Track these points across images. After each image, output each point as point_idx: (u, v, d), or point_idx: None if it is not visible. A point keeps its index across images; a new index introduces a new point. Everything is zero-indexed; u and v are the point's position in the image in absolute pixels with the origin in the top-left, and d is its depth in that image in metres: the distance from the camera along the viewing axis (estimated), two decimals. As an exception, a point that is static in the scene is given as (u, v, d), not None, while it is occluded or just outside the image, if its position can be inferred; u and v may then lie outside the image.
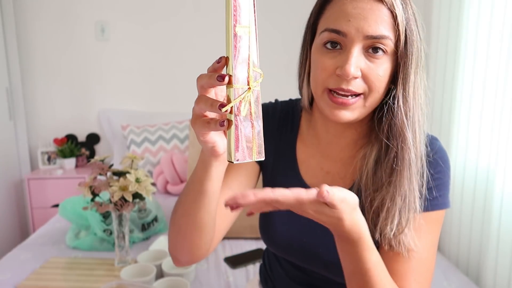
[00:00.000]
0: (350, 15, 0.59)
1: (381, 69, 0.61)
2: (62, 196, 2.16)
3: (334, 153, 0.74)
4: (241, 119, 0.47)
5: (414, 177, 0.64)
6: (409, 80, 0.62)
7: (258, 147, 0.49)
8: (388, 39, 0.59)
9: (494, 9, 1.36)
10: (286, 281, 0.85)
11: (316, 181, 0.75)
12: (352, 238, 0.56)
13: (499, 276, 1.33)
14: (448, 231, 1.64)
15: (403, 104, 0.62)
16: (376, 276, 0.58)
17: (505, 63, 1.30)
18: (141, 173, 1.20)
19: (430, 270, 0.68)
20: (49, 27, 2.66)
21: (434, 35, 1.72)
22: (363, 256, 0.57)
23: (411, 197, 0.64)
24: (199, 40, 2.71)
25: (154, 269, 1.19)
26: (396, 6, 0.59)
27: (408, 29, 0.60)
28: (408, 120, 0.63)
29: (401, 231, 0.64)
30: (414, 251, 0.65)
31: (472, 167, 1.51)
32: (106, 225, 1.45)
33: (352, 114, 0.63)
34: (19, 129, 2.67)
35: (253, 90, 0.48)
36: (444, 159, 0.69)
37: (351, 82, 0.60)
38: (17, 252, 1.46)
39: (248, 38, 0.47)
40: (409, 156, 0.63)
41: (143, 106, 2.79)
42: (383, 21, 0.59)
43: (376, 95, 0.62)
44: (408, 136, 0.63)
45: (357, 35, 0.59)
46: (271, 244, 0.81)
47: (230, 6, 0.46)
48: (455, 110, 1.59)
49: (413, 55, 0.61)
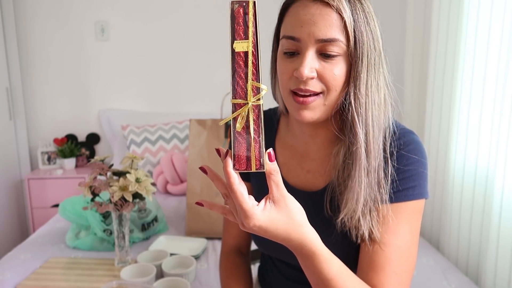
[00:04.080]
0: (302, 22, 0.63)
1: (336, 69, 0.64)
2: (62, 196, 2.16)
3: (312, 152, 0.78)
4: (239, 132, 0.49)
5: (364, 172, 0.66)
6: (360, 79, 0.65)
7: (258, 159, 0.50)
8: (338, 41, 0.62)
9: (493, 9, 1.36)
10: (280, 280, 0.87)
11: (298, 180, 0.78)
12: (306, 253, 0.57)
13: (499, 276, 1.33)
14: (447, 231, 1.64)
15: (354, 101, 0.65)
16: (341, 284, 0.59)
17: (505, 63, 1.30)
18: (141, 173, 1.20)
19: (410, 261, 0.69)
20: (49, 27, 2.66)
21: (434, 35, 1.72)
22: (322, 268, 0.58)
23: (358, 189, 0.66)
24: (199, 40, 2.71)
25: (154, 269, 1.19)
26: (343, 9, 0.62)
27: (357, 30, 0.63)
28: (359, 116, 0.66)
29: (357, 220, 0.67)
30: (390, 241, 0.67)
31: (472, 167, 1.51)
32: (106, 225, 1.46)
33: (313, 113, 0.66)
34: (19, 129, 2.67)
35: (252, 104, 0.49)
36: (417, 150, 0.71)
37: (308, 82, 0.64)
38: (17, 252, 1.46)
39: (249, 52, 0.48)
40: (359, 151, 0.66)
41: (143, 106, 2.79)
42: (332, 24, 0.62)
43: (334, 93, 0.66)
44: (358, 131, 0.66)
45: (309, 40, 0.63)
46: (260, 246, 0.85)
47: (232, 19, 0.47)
48: (454, 110, 1.59)
49: (363, 54, 0.64)
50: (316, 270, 0.59)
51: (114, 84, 2.76)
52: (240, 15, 0.47)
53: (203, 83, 2.76)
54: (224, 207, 0.56)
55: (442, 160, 1.68)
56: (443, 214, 1.68)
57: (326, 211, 0.72)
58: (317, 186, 0.76)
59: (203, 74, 2.75)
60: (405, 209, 0.69)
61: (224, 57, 2.68)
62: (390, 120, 0.70)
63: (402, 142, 0.70)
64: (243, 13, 0.47)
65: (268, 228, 0.53)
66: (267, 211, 0.53)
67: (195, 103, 2.78)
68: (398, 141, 0.70)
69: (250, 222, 0.52)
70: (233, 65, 0.48)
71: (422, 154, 0.71)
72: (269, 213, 0.53)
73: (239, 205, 0.51)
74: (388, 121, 0.70)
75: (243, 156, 0.50)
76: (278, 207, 0.53)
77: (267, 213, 0.52)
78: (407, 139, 0.71)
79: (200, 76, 2.75)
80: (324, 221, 0.72)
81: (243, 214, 0.51)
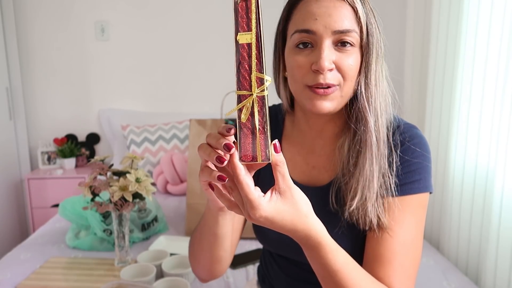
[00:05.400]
0: (316, 14, 0.64)
1: (351, 59, 0.66)
2: (62, 196, 2.16)
3: (318, 148, 0.78)
4: (244, 123, 0.50)
5: (375, 159, 0.68)
6: (371, 69, 0.67)
7: (264, 150, 0.50)
8: (353, 32, 0.65)
9: (493, 9, 1.36)
10: (282, 278, 0.87)
11: (303, 176, 0.79)
12: (312, 243, 0.58)
13: (498, 276, 1.33)
14: (447, 231, 1.64)
15: (365, 90, 0.68)
16: (347, 275, 0.60)
17: (505, 62, 1.30)
18: (141, 173, 1.20)
19: (416, 254, 0.70)
20: (49, 27, 2.66)
21: (434, 35, 1.72)
22: (328, 259, 0.59)
23: (370, 176, 0.68)
24: (199, 40, 2.71)
25: (154, 269, 1.19)
26: (356, 2, 0.65)
27: (368, 22, 0.66)
28: (370, 105, 0.68)
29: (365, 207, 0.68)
30: (396, 233, 0.68)
31: (472, 166, 1.51)
32: (106, 225, 1.46)
33: (331, 104, 0.67)
34: (19, 129, 2.67)
35: (256, 96, 0.49)
36: (422, 144, 0.72)
37: (327, 75, 0.65)
38: (17, 252, 1.46)
39: (252, 44, 0.48)
40: (370, 139, 0.68)
41: (143, 106, 2.79)
42: (346, 16, 0.64)
43: (350, 83, 0.67)
44: (369, 120, 0.68)
45: (325, 31, 0.64)
46: (264, 241, 0.85)
47: (235, 12, 0.48)
48: (454, 109, 1.59)
49: (374, 45, 0.67)
50: (322, 261, 0.59)
51: (114, 84, 2.76)
52: (243, 9, 0.48)
53: (203, 83, 2.76)
54: (230, 200, 0.56)
55: (442, 160, 1.68)
56: (443, 214, 1.68)
57: (332, 204, 0.73)
58: (322, 181, 0.77)
59: (203, 74, 2.75)
60: (411, 202, 0.70)
61: (224, 57, 2.68)
62: (391, 112, 0.72)
63: (407, 136, 0.72)
64: (246, 6, 0.48)
65: (274, 219, 0.53)
66: (273, 202, 0.53)
67: (195, 103, 2.78)
68: (403, 135, 0.72)
69: (256, 213, 0.52)
70: (237, 57, 0.49)
71: (427, 149, 0.72)
72: (275, 204, 0.53)
73: (246, 196, 0.51)
74: (390, 114, 0.72)
75: (249, 148, 0.50)
76: (284, 198, 0.54)
77: (273, 204, 0.53)
78: (412, 133, 0.73)
79: (200, 76, 2.75)
80: (329, 215, 0.73)
81: (250, 205, 0.51)
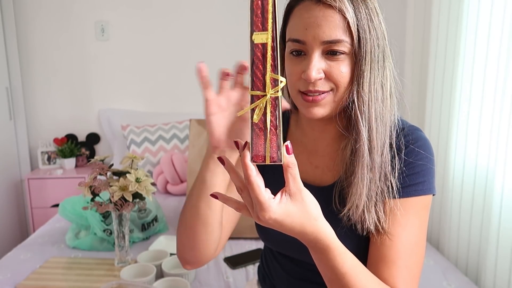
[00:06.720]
0: (307, 24, 0.64)
1: (342, 66, 0.65)
2: (62, 196, 2.16)
3: (321, 148, 0.78)
4: (256, 124, 0.49)
5: (366, 169, 0.67)
6: (364, 77, 0.65)
7: (275, 152, 0.50)
8: (343, 41, 0.63)
9: (493, 9, 1.36)
10: (283, 277, 0.87)
11: (306, 175, 0.79)
12: (321, 246, 0.58)
13: (498, 276, 1.33)
14: (447, 231, 1.64)
15: (357, 99, 0.66)
16: (354, 278, 0.60)
17: (505, 62, 1.30)
18: (141, 173, 1.20)
19: (419, 255, 0.70)
20: (49, 27, 2.66)
21: (434, 35, 1.72)
22: (337, 262, 0.59)
23: (361, 184, 0.67)
24: (199, 40, 2.71)
25: (154, 269, 1.19)
26: (346, 9, 0.63)
27: (361, 29, 0.64)
28: (362, 114, 0.67)
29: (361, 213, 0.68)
30: (400, 234, 0.68)
31: (472, 166, 1.51)
32: (106, 225, 1.46)
33: (324, 110, 0.68)
34: (19, 129, 2.67)
35: (270, 96, 0.49)
36: (426, 147, 0.72)
37: (317, 83, 0.65)
38: (17, 252, 1.46)
39: (268, 44, 0.48)
40: (362, 148, 0.67)
41: (143, 106, 2.79)
42: (336, 25, 0.63)
43: (343, 90, 0.67)
44: (361, 130, 0.67)
45: (314, 42, 0.64)
46: (266, 240, 0.85)
47: (251, 12, 0.48)
48: (454, 109, 1.59)
49: (367, 53, 0.65)
50: (330, 264, 0.59)
51: (114, 84, 2.76)
52: (258, 7, 0.48)
53: (203, 83, 2.75)
54: (238, 202, 0.56)
55: (442, 160, 1.68)
56: (443, 214, 1.68)
57: (335, 205, 0.73)
58: (326, 181, 0.77)
59: (203, 74, 2.74)
60: (414, 204, 0.70)
61: (224, 58, 2.68)
62: (396, 114, 0.72)
63: (411, 138, 0.72)
64: (261, 5, 0.48)
65: (284, 221, 0.53)
66: (283, 204, 0.53)
67: (195, 103, 2.78)
68: (407, 137, 0.72)
69: (266, 215, 0.51)
70: (252, 57, 0.48)
71: (430, 151, 0.72)
72: (285, 206, 0.53)
73: (256, 197, 0.51)
74: (394, 115, 0.71)
75: (260, 148, 0.50)
76: (294, 200, 0.53)
77: (283, 206, 0.53)
78: (416, 136, 0.72)
79: (200, 76, 2.75)
80: (332, 215, 0.73)
81: (259, 206, 0.51)
